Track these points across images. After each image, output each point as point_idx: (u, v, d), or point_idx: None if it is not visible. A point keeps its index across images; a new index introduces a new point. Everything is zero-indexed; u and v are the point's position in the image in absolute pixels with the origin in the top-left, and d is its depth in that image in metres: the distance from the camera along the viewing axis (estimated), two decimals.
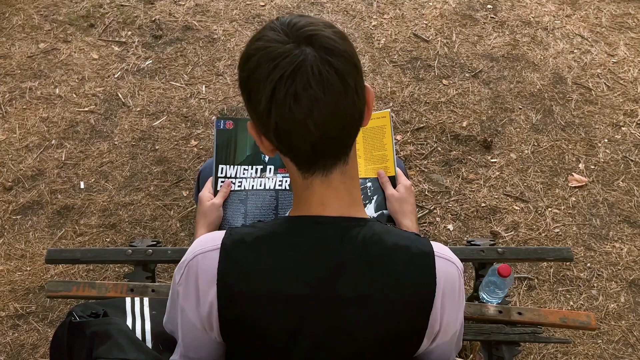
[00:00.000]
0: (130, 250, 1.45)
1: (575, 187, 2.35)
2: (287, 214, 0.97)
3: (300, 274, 0.82)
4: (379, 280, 0.83)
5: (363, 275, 0.83)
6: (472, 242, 1.55)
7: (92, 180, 2.37)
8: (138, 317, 1.07)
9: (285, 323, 0.84)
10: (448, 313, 0.86)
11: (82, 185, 2.35)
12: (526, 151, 2.47)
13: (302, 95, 0.74)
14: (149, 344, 1.02)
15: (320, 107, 0.75)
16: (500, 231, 2.20)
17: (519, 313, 1.33)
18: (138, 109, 2.63)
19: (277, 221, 0.87)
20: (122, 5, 3.14)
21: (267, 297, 0.82)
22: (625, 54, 2.90)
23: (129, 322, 1.05)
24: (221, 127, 1.38)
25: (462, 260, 1.51)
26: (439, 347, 0.91)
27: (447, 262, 0.86)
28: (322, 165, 0.82)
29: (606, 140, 2.52)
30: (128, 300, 1.11)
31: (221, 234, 0.87)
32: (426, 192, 2.32)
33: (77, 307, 1.02)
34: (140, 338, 1.03)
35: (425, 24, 3.03)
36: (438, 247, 0.88)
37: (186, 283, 0.86)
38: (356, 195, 0.88)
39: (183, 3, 3.16)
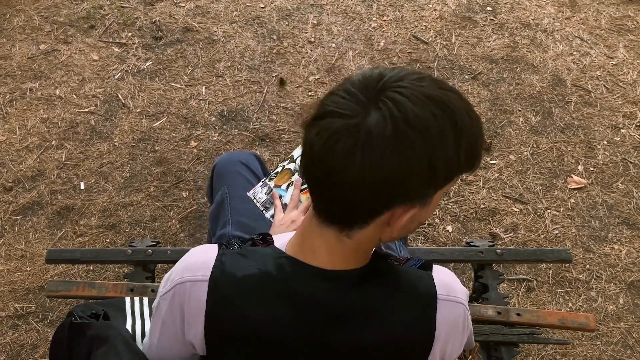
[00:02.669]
0: (130, 251, 1.46)
1: (574, 189, 2.36)
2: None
3: (292, 324, 0.80)
4: (375, 331, 0.80)
5: (357, 327, 0.80)
6: (471, 244, 1.56)
7: (92, 181, 2.37)
8: (138, 317, 1.08)
9: None
10: (451, 348, 0.85)
11: (82, 186, 2.35)
12: (525, 153, 2.48)
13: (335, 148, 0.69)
14: None
15: (343, 171, 0.70)
16: (499, 232, 2.20)
17: (518, 314, 1.34)
18: (138, 110, 2.64)
19: (269, 255, 0.83)
20: (122, 6, 3.14)
21: (255, 341, 0.81)
22: (625, 56, 2.91)
23: (128, 322, 1.06)
24: None
25: (460, 261, 1.52)
26: None
27: (451, 304, 0.83)
28: (321, 212, 0.77)
29: (605, 142, 2.53)
30: (128, 300, 1.11)
31: (212, 257, 0.84)
32: None
33: (77, 307, 1.02)
34: (140, 337, 1.04)
35: (425, 26, 3.04)
36: (442, 285, 0.83)
37: (171, 304, 0.84)
38: (354, 255, 0.81)
39: (183, 5, 3.17)
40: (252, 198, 1.38)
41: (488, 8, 3.16)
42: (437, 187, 0.74)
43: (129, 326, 1.04)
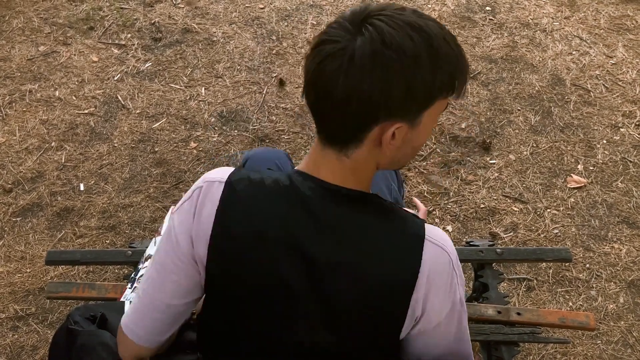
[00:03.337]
0: (129, 252, 1.46)
1: (574, 188, 2.36)
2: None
3: (289, 227, 0.84)
4: (359, 249, 0.84)
5: (344, 240, 0.84)
6: (471, 243, 1.56)
7: (92, 182, 2.37)
8: None
9: (269, 268, 0.85)
10: (432, 301, 0.85)
11: (81, 187, 2.35)
12: (525, 152, 2.48)
13: (329, 61, 0.78)
14: None
15: (337, 77, 0.77)
16: (499, 232, 2.20)
17: (518, 313, 1.34)
18: (137, 111, 2.64)
19: (283, 173, 0.90)
20: (121, 8, 3.15)
21: (256, 240, 0.85)
22: (624, 55, 2.91)
23: None
24: None
25: (461, 261, 1.51)
26: (423, 338, 0.90)
27: (437, 247, 0.86)
28: (321, 132, 0.85)
29: (605, 142, 2.53)
30: (127, 302, 1.11)
31: (230, 169, 0.91)
32: (425, 194, 2.33)
33: (76, 309, 1.03)
34: None
35: None
36: (431, 231, 0.87)
37: (188, 209, 0.89)
38: (352, 176, 0.87)
39: (182, 6, 3.17)
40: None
41: (487, 8, 3.16)
42: (419, 105, 0.81)
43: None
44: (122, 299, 1.26)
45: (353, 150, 0.83)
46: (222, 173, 0.90)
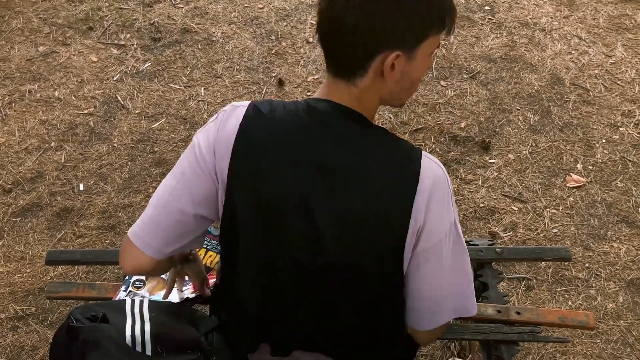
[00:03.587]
0: None
1: (573, 188, 2.36)
2: None
3: (307, 136, 0.94)
4: (370, 159, 0.93)
5: (356, 152, 0.93)
6: (470, 242, 1.56)
7: (92, 182, 2.37)
8: (137, 318, 1.08)
9: (287, 174, 0.93)
10: (433, 213, 0.93)
11: (81, 187, 2.35)
12: (524, 152, 2.48)
13: None
14: (148, 345, 1.02)
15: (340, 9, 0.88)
16: (498, 231, 2.20)
17: (518, 313, 1.34)
18: (137, 111, 2.64)
19: (301, 101, 1.00)
20: (120, 8, 3.15)
21: (274, 144, 0.94)
22: (623, 54, 2.91)
23: (128, 324, 1.05)
24: None
25: None
26: (424, 267, 0.95)
27: (433, 162, 0.95)
28: (331, 65, 0.95)
29: (604, 141, 2.53)
30: (128, 301, 1.11)
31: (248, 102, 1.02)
32: None
33: (77, 309, 1.03)
34: (140, 339, 1.04)
35: None
36: (427, 153, 0.97)
37: (215, 121, 0.99)
38: (359, 103, 0.95)
39: (182, 6, 3.17)
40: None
41: (486, 7, 3.16)
42: (416, 37, 0.91)
43: (128, 328, 1.04)
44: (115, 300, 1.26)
45: (360, 80, 0.93)
46: (246, 102, 1.00)
